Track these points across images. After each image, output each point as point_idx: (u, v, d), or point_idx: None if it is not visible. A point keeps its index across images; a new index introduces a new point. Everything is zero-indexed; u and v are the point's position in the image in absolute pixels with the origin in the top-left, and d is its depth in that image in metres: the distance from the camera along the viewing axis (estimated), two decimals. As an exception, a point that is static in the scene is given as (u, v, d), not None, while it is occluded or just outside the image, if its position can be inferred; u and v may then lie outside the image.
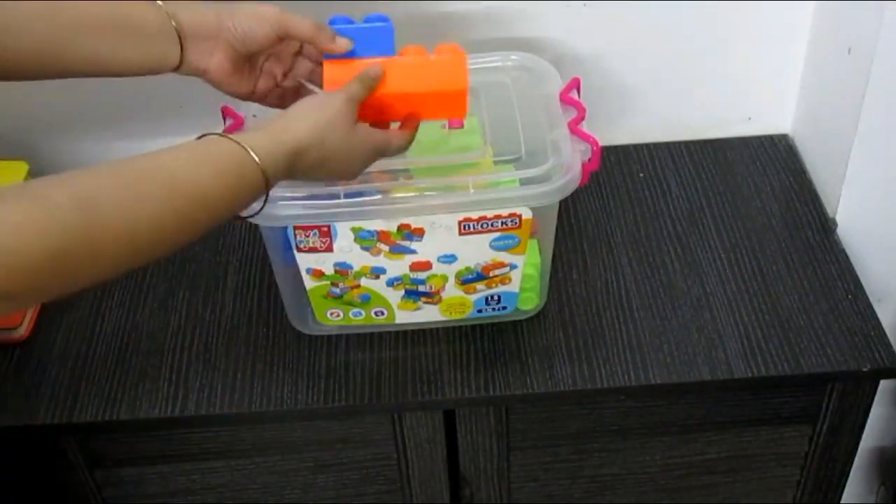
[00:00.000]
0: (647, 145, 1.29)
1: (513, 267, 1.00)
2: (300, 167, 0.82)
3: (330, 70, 0.91)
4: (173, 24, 0.86)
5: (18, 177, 1.13)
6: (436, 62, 0.92)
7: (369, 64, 0.90)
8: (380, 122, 0.90)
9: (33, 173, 1.15)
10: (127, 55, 0.86)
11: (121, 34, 0.85)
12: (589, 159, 0.96)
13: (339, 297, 1.02)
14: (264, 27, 0.88)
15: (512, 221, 0.96)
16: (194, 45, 0.87)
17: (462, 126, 0.99)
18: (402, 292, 1.02)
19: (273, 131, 0.80)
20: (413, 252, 0.97)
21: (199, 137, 0.78)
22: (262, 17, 0.88)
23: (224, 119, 0.98)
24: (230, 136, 0.77)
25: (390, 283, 1.00)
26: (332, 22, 0.91)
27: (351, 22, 0.91)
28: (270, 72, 0.93)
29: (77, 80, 0.87)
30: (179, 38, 0.87)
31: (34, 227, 0.64)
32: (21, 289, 0.63)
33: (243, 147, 0.76)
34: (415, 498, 1.13)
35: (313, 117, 0.83)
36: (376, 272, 0.99)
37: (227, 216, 0.78)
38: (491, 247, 0.98)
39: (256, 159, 0.77)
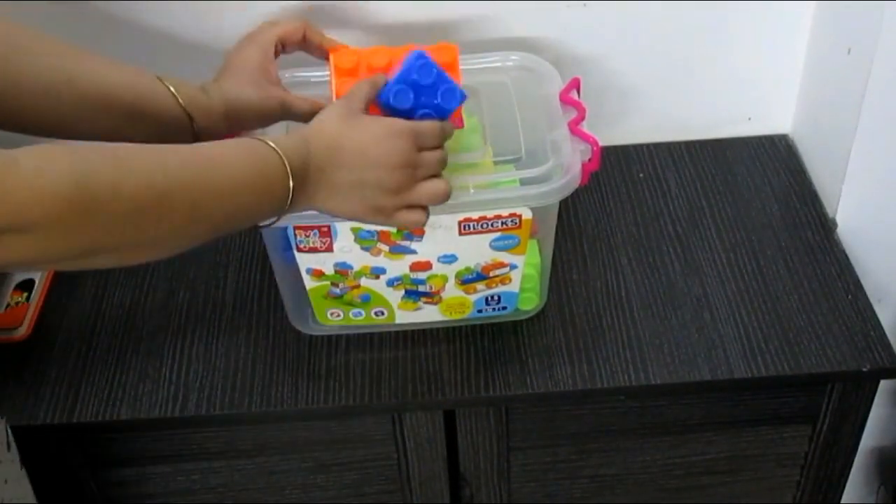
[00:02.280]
0: (647, 145, 1.29)
1: (513, 267, 1.00)
2: (316, 150, 0.81)
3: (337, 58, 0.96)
4: (186, 112, 0.91)
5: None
6: None
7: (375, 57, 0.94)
8: None
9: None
10: (141, 136, 0.89)
11: (134, 118, 0.90)
12: (589, 159, 0.96)
13: (339, 297, 1.02)
14: (268, 107, 0.94)
15: (512, 221, 0.96)
16: (206, 131, 0.92)
17: (462, 126, 0.99)
18: (403, 292, 1.02)
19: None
20: (413, 252, 0.97)
21: None
22: (265, 103, 0.94)
23: None
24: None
25: (390, 284, 1.00)
26: (407, 67, 0.89)
27: (430, 73, 0.89)
28: None
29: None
30: (193, 128, 0.91)
31: (64, 158, 0.66)
32: (45, 219, 0.64)
33: (259, 139, 0.80)
34: (415, 498, 1.13)
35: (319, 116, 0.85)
36: (376, 272, 0.99)
37: (251, 201, 0.78)
38: (491, 247, 0.98)
39: (271, 143, 0.79)
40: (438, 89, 0.88)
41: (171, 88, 0.90)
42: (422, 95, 0.88)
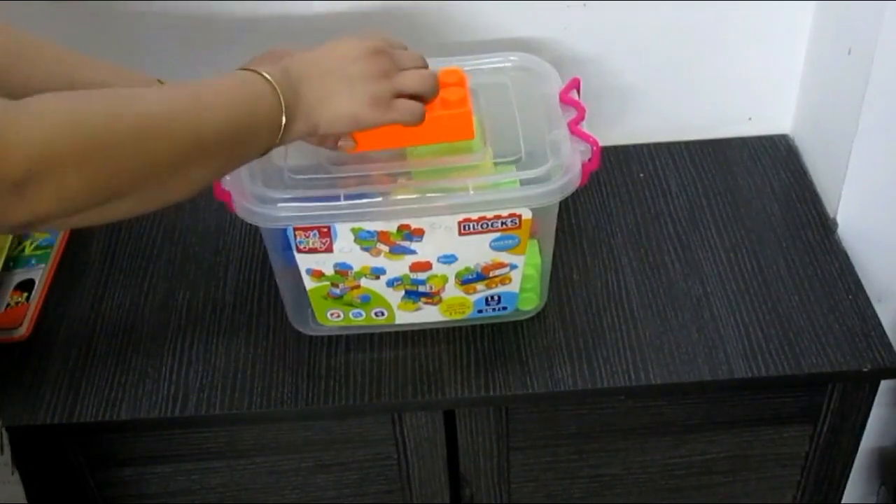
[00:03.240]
0: (647, 145, 1.29)
1: (513, 267, 1.00)
2: (294, 66, 0.83)
3: None
4: None
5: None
6: (443, 117, 0.93)
7: None
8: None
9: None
10: None
11: None
12: (589, 159, 0.96)
13: (339, 298, 1.02)
14: None
15: (512, 222, 0.95)
16: None
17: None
18: (403, 293, 1.02)
19: None
20: (413, 252, 0.97)
21: None
22: None
23: None
24: None
25: (390, 284, 1.00)
26: None
27: None
28: None
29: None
30: None
31: (59, 100, 0.67)
32: (57, 160, 0.64)
33: (246, 68, 0.82)
34: (415, 498, 1.13)
35: None
36: (376, 273, 0.99)
37: (249, 123, 0.79)
38: (491, 247, 0.98)
39: (257, 71, 0.81)
40: None
41: None
42: None
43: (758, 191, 1.22)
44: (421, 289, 1.01)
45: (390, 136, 0.91)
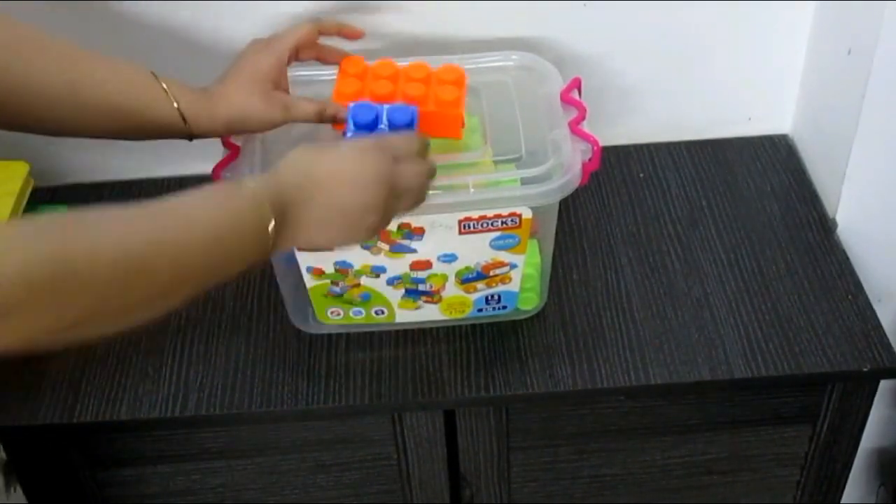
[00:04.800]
0: (647, 145, 1.29)
1: (513, 266, 1.00)
2: (287, 187, 0.77)
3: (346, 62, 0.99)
4: (184, 117, 0.91)
5: (19, 176, 1.13)
6: (434, 113, 0.94)
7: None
8: None
9: (34, 173, 1.15)
10: (140, 138, 0.93)
11: (133, 122, 0.90)
12: (589, 159, 0.96)
13: (339, 296, 1.02)
14: (272, 116, 0.94)
15: (512, 221, 0.96)
16: (205, 135, 0.94)
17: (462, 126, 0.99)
18: (403, 291, 1.02)
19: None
20: (413, 251, 0.97)
21: None
22: (270, 110, 0.94)
23: (224, 146, 0.98)
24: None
25: (390, 282, 1.00)
26: (353, 112, 0.90)
27: (372, 110, 0.90)
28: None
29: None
30: (191, 133, 0.92)
31: (31, 236, 0.62)
32: (27, 300, 0.59)
33: (233, 184, 0.76)
34: (415, 498, 1.13)
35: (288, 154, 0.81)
36: (376, 271, 0.99)
37: (233, 251, 0.74)
38: (491, 246, 0.98)
39: (247, 184, 0.75)
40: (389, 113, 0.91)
41: (172, 93, 0.90)
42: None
43: (758, 191, 1.22)
44: (421, 287, 1.01)
45: None
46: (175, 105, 0.90)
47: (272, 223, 0.74)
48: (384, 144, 0.83)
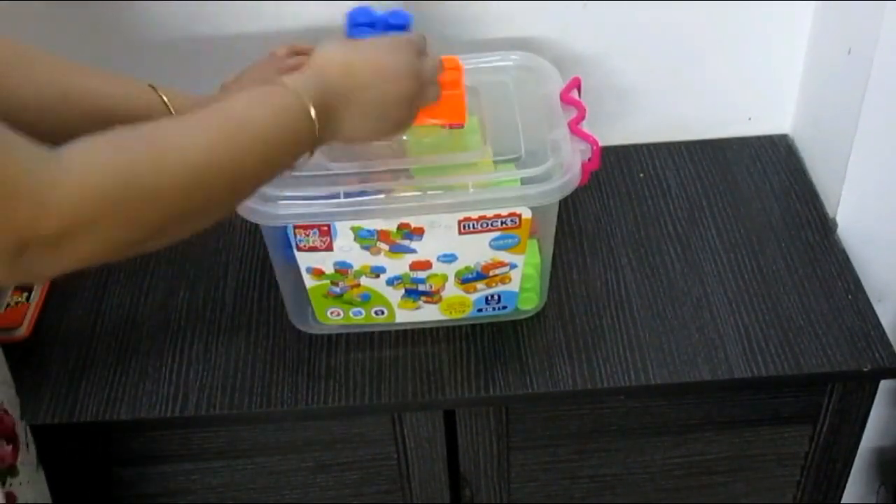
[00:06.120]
0: (647, 145, 1.29)
1: (513, 266, 1.00)
2: (331, 79, 0.80)
3: None
4: None
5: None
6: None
7: None
8: None
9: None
10: None
11: None
12: (589, 159, 0.96)
13: (339, 296, 1.02)
14: None
15: (511, 221, 0.96)
16: None
17: (462, 126, 0.99)
18: (402, 291, 1.02)
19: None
20: (413, 251, 0.97)
21: None
22: None
23: None
24: None
25: (390, 283, 1.00)
26: (351, 15, 0.92)
27: (371, 15, 0.92)
28: None
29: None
30: None
31: (105, 152, 0.65)
32: (101, 217, 0.63)
33: (279, 84, 0.78)
34: (415, 498, 1.13)
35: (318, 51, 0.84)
36: (376, 271, 0.99)
37: (282, 147, 0.76)
38: (491, 246, 0.98)
39: (287, 82, 0.77)
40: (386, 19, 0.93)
41: (171, 104, 0.91)
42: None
43: (757, 191, 1.22)
44: (421, 287, 1.01)
45: None
46: (170, 110, 0.91)
47: (316, 119, 0.77)
48: (409, 39, 0.86)
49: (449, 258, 0.99)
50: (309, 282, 1.00)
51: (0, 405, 0.87)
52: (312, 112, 0.76)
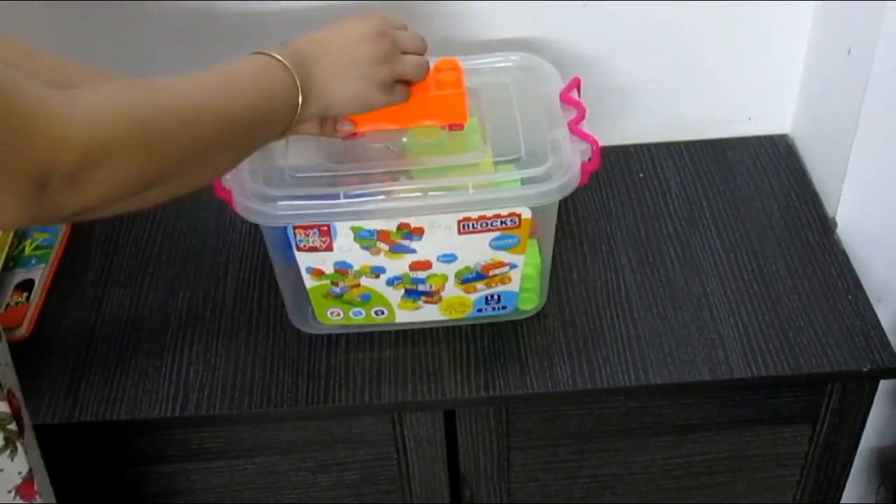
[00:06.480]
0: (647, 145, 1.29)
1: (512, 266, 1.00)
2: (301, 47, 0.85)
3: None
4: None
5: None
6: (436, 97, 0.94)
7: None
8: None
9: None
10: None
11: None
12: (589, 159, 0.96)
13: (339, 297, 1.02)
14: None
15: (511, 221, 0.96)
16: None
17: (462, 127, 0.99)
18: (402, 291, 1.02)
19: None
20: (413, 251, 0.97)
21: None
22: None
23: None
24: None
25: (390, 283, 1.00)
26: None
27: None
28: None
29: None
30: None
31: (118, 90, 0.71)
32: (116, 148, 0.66)
33: (263, 53, 0.83)
34: (415, 498, 1.13)
35: None
36: (376, 271, 0.99)
37: (268, 105, 0.82)
38: (491, 246, 0.98)
39: (272, 53, 0.83)
40: None
41: None
42: None
43: (757, 191, 1.22)
44: (421, 288, 1.01)
45: (384, 117, 0.91)
46: None
47: (294, 71, 0.82)
48: (376, 10, 0.92)
49: (449, 258, 0.99)
50: (309, 282, 1.00)
51: (8, 390, 0.88)
52: (295, 77, 0.82)
